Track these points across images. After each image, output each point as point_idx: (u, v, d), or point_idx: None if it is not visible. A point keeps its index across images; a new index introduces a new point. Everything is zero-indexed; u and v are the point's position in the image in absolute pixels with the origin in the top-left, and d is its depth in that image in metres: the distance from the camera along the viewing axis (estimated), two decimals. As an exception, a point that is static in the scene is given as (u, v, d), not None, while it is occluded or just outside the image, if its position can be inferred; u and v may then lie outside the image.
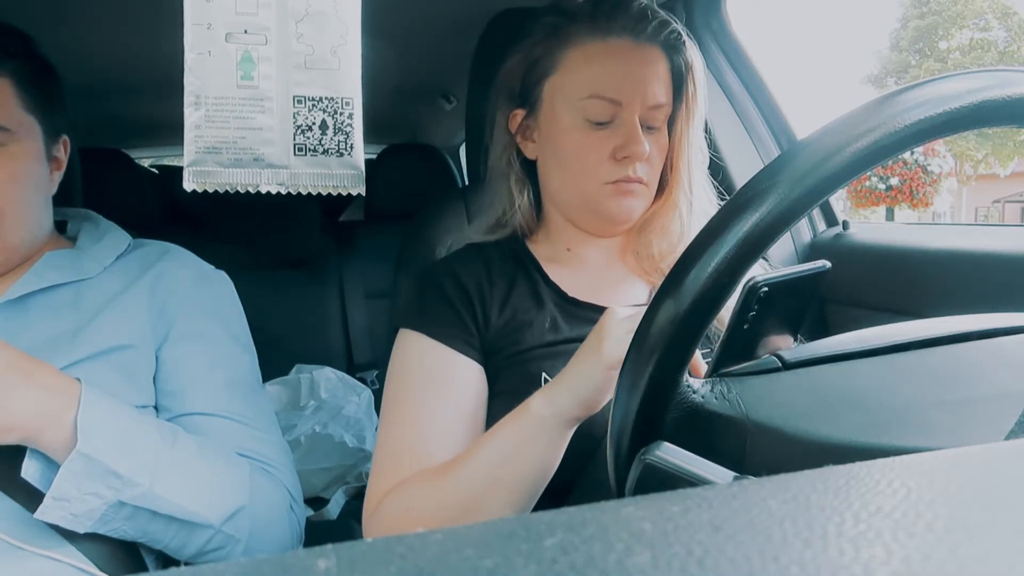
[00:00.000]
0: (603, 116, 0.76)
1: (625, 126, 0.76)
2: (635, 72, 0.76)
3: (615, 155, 0.76)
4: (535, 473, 0.64)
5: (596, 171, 0.78)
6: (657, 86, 0.78)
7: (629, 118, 0.76)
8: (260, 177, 0.39)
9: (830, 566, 0.18)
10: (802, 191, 0.39)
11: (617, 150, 0.76)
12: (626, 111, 0.76)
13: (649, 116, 0.78)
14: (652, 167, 0.79)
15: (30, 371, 0.65)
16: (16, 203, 0.77)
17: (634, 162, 0.76)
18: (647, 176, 0.78)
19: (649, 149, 0.76)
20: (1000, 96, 0.39)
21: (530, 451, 0.64)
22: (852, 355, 0.48)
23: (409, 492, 0.68)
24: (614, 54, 0.76)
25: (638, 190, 0.78)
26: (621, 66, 0.76)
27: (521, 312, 0.79)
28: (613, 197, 0.78)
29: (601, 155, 0.77)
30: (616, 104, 0.76)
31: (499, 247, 0.87)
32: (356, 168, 0.40)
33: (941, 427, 0.44)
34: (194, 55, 0.37)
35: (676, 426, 0.44)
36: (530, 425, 0.64)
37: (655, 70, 0.78)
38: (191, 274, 0.87)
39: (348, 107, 0.39)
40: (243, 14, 0.37)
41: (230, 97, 0.38)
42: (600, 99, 0.76)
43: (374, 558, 0.20)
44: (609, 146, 0.77)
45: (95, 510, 0.66)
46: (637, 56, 0.77)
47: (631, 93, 0.76)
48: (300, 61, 0.38)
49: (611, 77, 0.76)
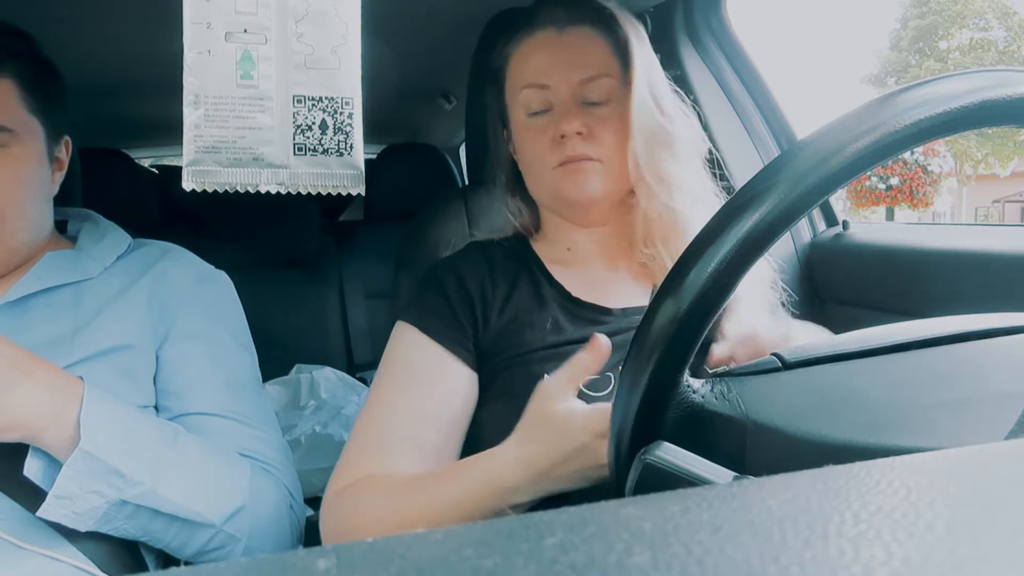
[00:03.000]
0: (539, 104, 0.80)
1: (558, 107, 0.80)
2: (559, 54, 0.80)
3: (555, 137, 0.79)
4: (497, 512, 0.64)
5: (545, 158, 0.80)
6: (586, 60, 0.79)
7: (560, 99, 0.79)
8: (260, 177, 0.39)
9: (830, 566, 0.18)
10: (802, 191, 0.39)
11: (555, 132, 0.79)
12: (556, 94, 0.79)
13: (584, 91, 0.79)
14: (601, 143, 0.79)
15: (32, 369, 0.65)
16: (18, 204, 0.77)
17: (570, 140, 0.78)
18: (597, 152, 0.78)
19: (592, 125, 0.78)
20: (1000, 96, 0.39)
21: (494, 508, 0.63)
22: (852, 355, 0.48)
23: (365, 497, 0.69)
24: (539, 44, 0.81)
25: (588, 167, 0.79)
26: (546, 53, 0.81)
27: (523, 312, 0.79)
28: (564, 178, 0.80)
29: (546, 142, 0.80)
30: (545, 88, 0.80)
31: (503, 246, 0.87)
32: (356, 168, 0.40)
33: (941, 427, 0.44)
34: (194, 54, 0.37)
35: (676, 426, 0.44)
36: (501, 497, 0.63)
37: (581, 49, 0.80)
38: (191, 274, 0.87)
39: (348, 107, 0.39)
40: (243, 13, 0.37)
41: (230, 96, 0.38)
42: (531, 88, 0.80)
43: (374, 558, 0.20)
44: (551, 131, 0.79)
45: (97, 508, 0.66)
46: (561, 41, 0.81)
47: (556, 74, 0.79)
48: (300, 61, 0.38)
49: (538, 65, 0.81)
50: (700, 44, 1.26)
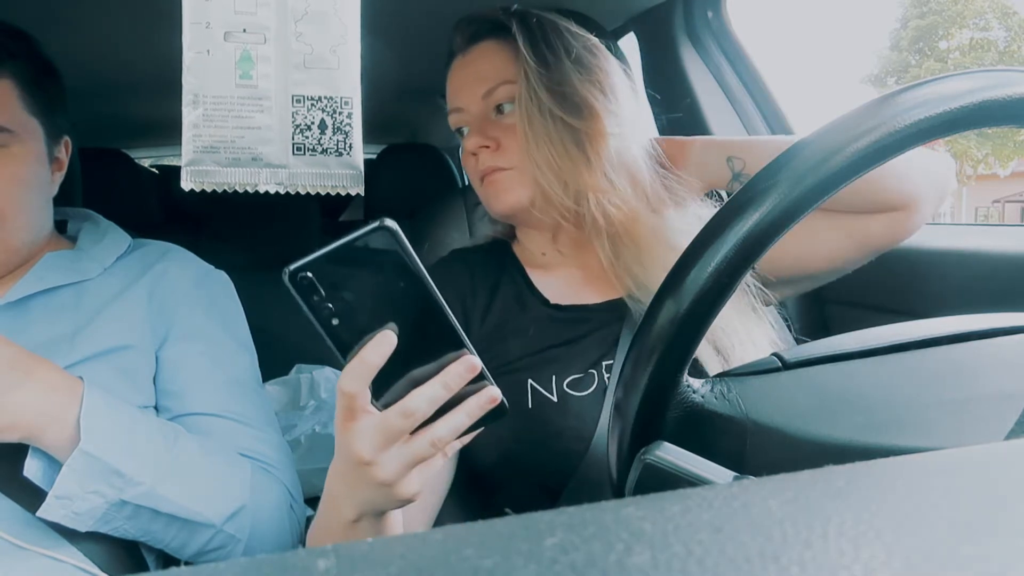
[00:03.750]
0: (458, 123, 0.84)
1: (471, 125, 0.82)
2: (464, 74, 0.83)
3: (473, 155, 0.81)
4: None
5: (472, 176, 0.84)
6: (486, 72, 0.80)
7: (472, 117, 0.82)
8: (259, 176, 0.39)
9: (830, 566, 0.18)
10: (802, 191, 0.39)
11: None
12: (469, 112, 0.82)
13: (491, 103, 0.80)
14: (507, 151, 0.79)
15: (32, 369, 0.65)
16: (18, 205, 0.77)
17: (480, 155, 0.80)
18: (505, 161, 0.79)
19: (499, 136, 0.79)
20: (1000, 96, 0.39)
21: (337, 517, 0.54)
22: (852, 355, 0.48)
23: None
24: (453, 70, 0.85)
25: (500, 178, 0.80)
26: (456, 77, 0.84)
27: (505, 321, 0.79)
28: (485, 192, 0.82)
29: (470, 160, 0.82)
30: (460, 110, 0.83)
31: (484, 252, 0.87)
32: (355, 168, 0.40)
33: (941, 427, 0.44)
34: (193, 54, 0.37)
35: (676, 426, 0.44)
36: (335, 504, 0.53)
37: (482, 63, 0.81)
38: (191, 274, 0.87)
39: (347, 107, 0.39)
40: (242, 13, 0.37)
41: (229, 96, 0.38)
42: (452, 113, 0.84)
43: (374, 558, 0.20)
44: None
45: (97, 509, 0.66)
46: (465, 60, 0.83)
47: (464, 94, 0.82)
48: (299, 60, 0.38)
49: (452, 90, 0.84)
50: (700, 44, 1.26)
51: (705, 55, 1.26)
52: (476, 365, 0.45)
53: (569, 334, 0.76)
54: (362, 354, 0.43)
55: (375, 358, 0.43)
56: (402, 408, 0.45)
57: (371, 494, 0.49)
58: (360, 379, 0.44)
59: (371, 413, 0.45)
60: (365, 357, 0.43)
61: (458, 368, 0.45)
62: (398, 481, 0.47)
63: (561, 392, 0.73)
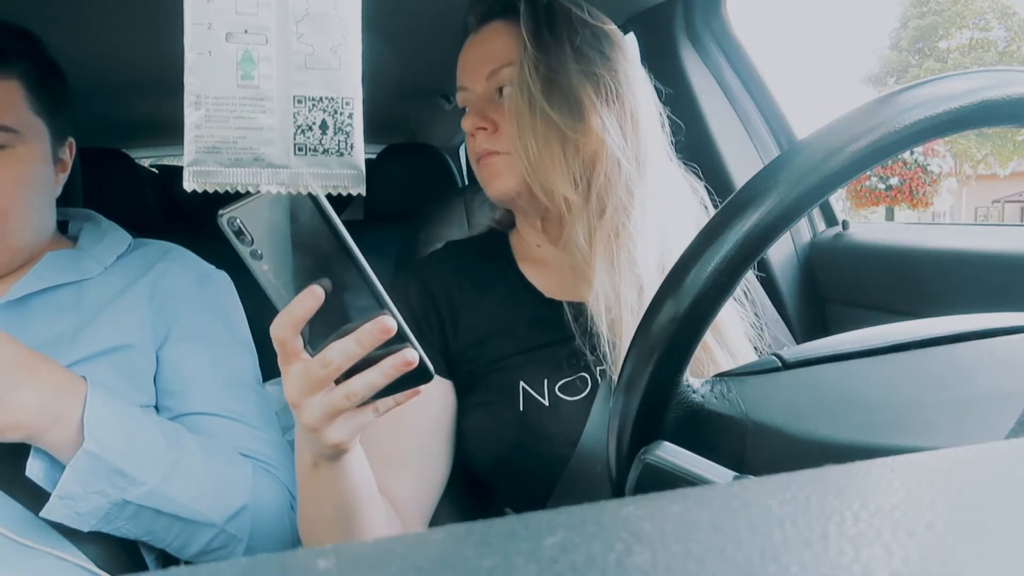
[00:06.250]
0: (463, 103, 0.83)
1: (471, 105, 0.81)
2: (473, 53, 0.82)
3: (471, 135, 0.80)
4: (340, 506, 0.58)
5: (471, 153, 0.82)
6: (492, 52, 0.79)
7: (475, 97, 0.80)
8: (260, 177, 0.39)
9: (830, 566, 0.18)
10: (802, 191, 0.39)
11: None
12: (473, 92, 0.81)
13: (494, 84, 0.79)
14: (503, 135, 0.77)
15: (35, 368, 0.65)
16: (21, 205, 0.77)
17: (477, 136, 0.79)
18: (500, 145, 0.77)
19: (498, 118, 0.78)
20: (1000, 96, 0.39)
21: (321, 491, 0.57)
22: (852, 355, 0.48)
23: None
24: (464, 50, 0.83)
25: (494, 161, 0.78)
26: (465, 56, 0.83)
27: (497, 317, 0.78)
28: (480, 174, 0.81)
29: (469, 138, 0.81)
30: (464, 89, 0.81)
31: (478, 245, 0.86)
32: (356, 168, 0.40)
33: (941, 427, 0.44)
34: (194, 55, 0.37)
35: (676, 426, 0.44)
36: (305, 473, 0.57)
37: (490, 43, 0.80)
38: (192, 274, 0.87)
39: (348, 107, 0.39)
40: (243, 14, 0.37)
41: (230, 97, 0.38)
42: (459, 91, 0.83)
43: (374, 558, 0.20)
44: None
45: (100, 508, 0.66)
46: (475, 40, 0.82)
47: (469, 73, 0.81)
48: (300, 61, 0.38)
49: (460, 68, 0.83)
50: (700, 44, 1.26)
51: (705, 55, 1.26)
52: (389, 327, 0.47)
53: (562, 332, 0.74)
54: (290, 306, 0.46)
55: (301, 311, 0.46)
56: (320, 358, 0.47)
57: (308, 437, 0.52)
58: (287, 328, 0.46)
59: (304, 360, 0.48)
60: (292, 309, 0.46)
61: (371, 327, 0.47)
62: (322, 428, 0.49)
63: (553, 397, 0.72)
